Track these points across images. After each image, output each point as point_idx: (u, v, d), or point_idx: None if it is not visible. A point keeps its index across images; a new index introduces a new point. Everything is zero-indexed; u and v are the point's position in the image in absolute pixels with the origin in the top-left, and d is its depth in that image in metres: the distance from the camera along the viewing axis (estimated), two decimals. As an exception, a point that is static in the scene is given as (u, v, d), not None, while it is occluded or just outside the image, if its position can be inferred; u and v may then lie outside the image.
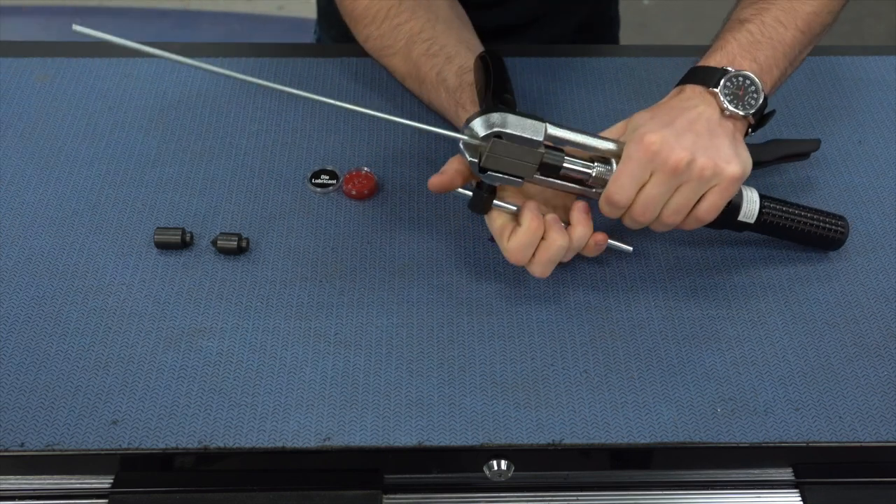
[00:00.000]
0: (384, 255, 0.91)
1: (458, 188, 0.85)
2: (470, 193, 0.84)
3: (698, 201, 0.80)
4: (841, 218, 0.91)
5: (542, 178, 0.83)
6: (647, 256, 0.92)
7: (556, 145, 0.83)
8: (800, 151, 0.97)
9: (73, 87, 1.07)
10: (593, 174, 0.82)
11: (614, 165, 0.81)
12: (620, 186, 0.79)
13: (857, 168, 1.01)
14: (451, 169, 0.85)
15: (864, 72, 1.12)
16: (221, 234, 0.91)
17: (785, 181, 0.99)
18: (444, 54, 0.96)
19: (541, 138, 0.80)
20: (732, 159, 0.79)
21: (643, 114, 0.82)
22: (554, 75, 1.10)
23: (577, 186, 0.84)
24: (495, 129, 0.80)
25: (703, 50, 0.87)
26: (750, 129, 0.84)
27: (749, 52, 0.84)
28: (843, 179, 1.00)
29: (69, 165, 0.98)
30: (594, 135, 0.82)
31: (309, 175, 0.98)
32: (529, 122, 0.80)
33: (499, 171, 0.81)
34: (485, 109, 0.82)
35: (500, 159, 0.80)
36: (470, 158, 0.81)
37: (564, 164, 0.82)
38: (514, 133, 0.80)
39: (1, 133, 1.01)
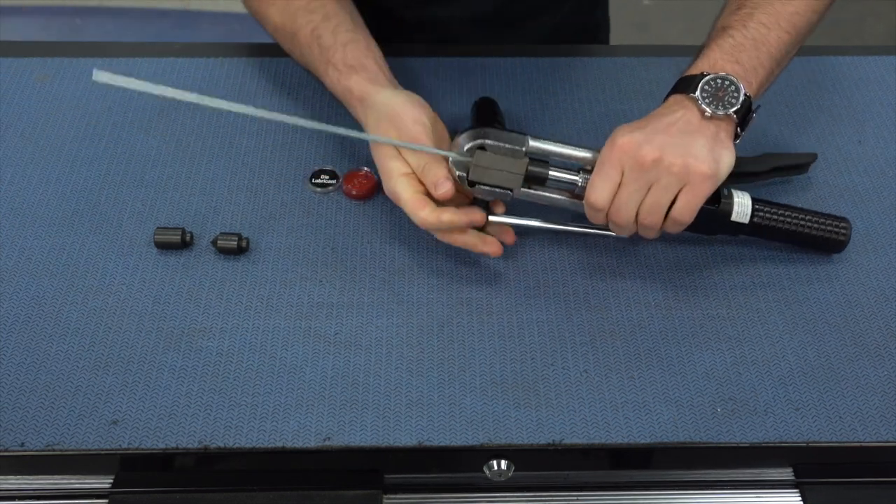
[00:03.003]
0: (384, 255, 0.91)
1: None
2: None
3: (674, 202, 0.81)
4: (843, 219, 0.90)
5: (531, 191, 0.85)
6: (648, 256, 0.92)
7: (541, 157, 0.86)
8: (794, 164, 0.97)
9: (73, 87, 1.07)
10: (579, 183, 0.84)
11: None
12: (595, 188, 0.81)
13: (857, 168, 1.01)
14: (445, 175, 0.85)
15: (864, 72, 1.12)
16: (221, 234, 0.91)
17: (785, 182, 0.99)
18: (323, 12, 0.96)
19: (523, 147, 0.84)
20: (704, 158, 0.79)
21: (622, 125, 0.83)
22: (554, 75, 1.09)
23: (566, 199, 0.86)
24: (478, 142, 0.84)
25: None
26: (738, 129, 0.84)
27: (731, 55, 0.85)
28: (843, 179, 1.00)
29: (69, 165, 0.98)
30: (576, 145, 0.85)
31: (309, 175, 0.98)
32: (512, 135, 0.85)
33: (487, 184, 0.84)
34: (470, 127, 0.86)
35: (486, 171, 0.84)
36: (458, 173, 0.84)
37: (550, 175, 0.85)
38: (497, 143, 0.84)
39: (1, 133, 1.01)
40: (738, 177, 0.89)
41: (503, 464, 0.78)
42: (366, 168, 0.98)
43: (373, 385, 0.81)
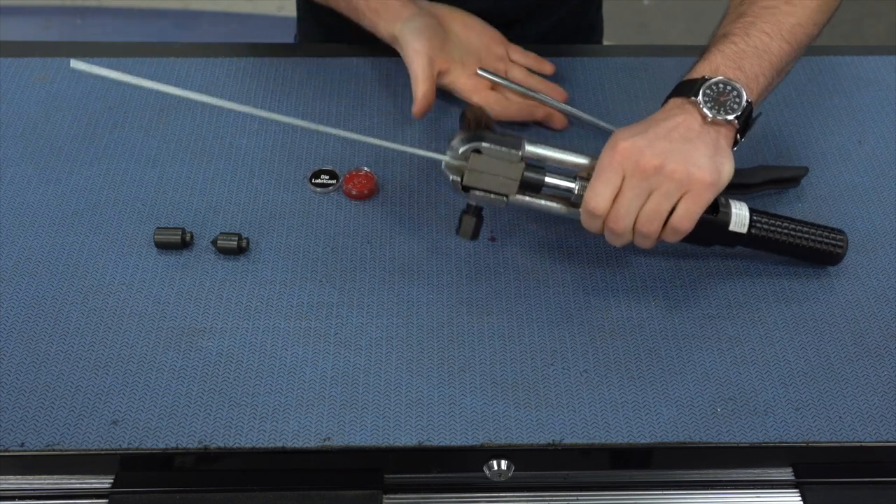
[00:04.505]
0: (384, 255, 0.91)
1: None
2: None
3: (673, 210, 0.80)
4: (839, 231, 0.89)
5: (526, 198, 0.84)
6: (648, 256, 0.92)
7: (537, 163, 0.84)
8: (786, 177, 0.97)
9: (73, 87, 1.07)
10: (576, 190, 0.83)
11: None
12: (595, 192, 0.80)
13: (857, 168, 1.01)
14: (421, 94, 0.95)
15: (864, 72, 1.12)
16: (221, 234, 0.91)
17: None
18: None
19: (519, 152, 0.82)
20: (706, 166, 0.78)
21: (622, 129, 0.82)
22: (554, 75, 1.09)
23: (562, 207, 0.85)
24: (473, 144, 0.82)
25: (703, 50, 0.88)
26: (738, 135, 0.83)
27: (734, 61, 0.84)
28: (843, 179, 1.00)
29: (69, 165, 0.98)
30: (573, 151, 0.84)
31: (309, 175, 0.98)
32: (508, 138, 0.83)
33: (482, 189, 0.83)
34: (465, 130, 0.85)
35: (480, 175, 0.82)
36: (452, 177, 0.83)
37: (546, 181, 0.83)
38: (492, 146, 0.82)
39: (1, 133, 1.01)
40: (731, 187, 0.89)
41: (503, 464, 0.78)
42: (366, 168, 0.98)
43: (373, 385, 0.81)
